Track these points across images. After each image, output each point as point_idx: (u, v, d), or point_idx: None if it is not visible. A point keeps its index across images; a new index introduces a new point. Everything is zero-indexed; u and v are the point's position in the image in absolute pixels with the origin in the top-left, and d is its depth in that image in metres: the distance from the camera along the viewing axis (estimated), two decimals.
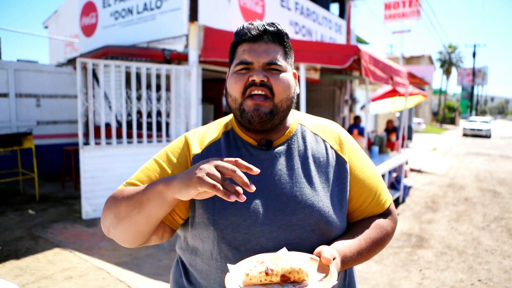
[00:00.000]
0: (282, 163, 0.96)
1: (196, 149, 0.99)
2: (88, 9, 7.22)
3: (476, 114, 50.42)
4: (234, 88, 0.94)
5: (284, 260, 0.79)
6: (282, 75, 0.94)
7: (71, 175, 6.59)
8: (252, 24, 0.95)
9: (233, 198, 0.72)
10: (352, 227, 1.00)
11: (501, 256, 4.06)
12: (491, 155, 13.91)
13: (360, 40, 15.09)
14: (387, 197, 1.06)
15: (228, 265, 0.82)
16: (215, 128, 1.05)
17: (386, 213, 1.06)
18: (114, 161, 4.82)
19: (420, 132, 25.63)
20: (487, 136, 24.19)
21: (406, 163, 8.22)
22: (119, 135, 5.18)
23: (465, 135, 25.31)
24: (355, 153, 1.04)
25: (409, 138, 15.73)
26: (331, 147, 1.01)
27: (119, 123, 5.55)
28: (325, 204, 0.93)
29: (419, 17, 17.16)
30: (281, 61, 0.94)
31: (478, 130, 24.41)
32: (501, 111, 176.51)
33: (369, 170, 1.04)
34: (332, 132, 1.05)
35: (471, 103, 46.27)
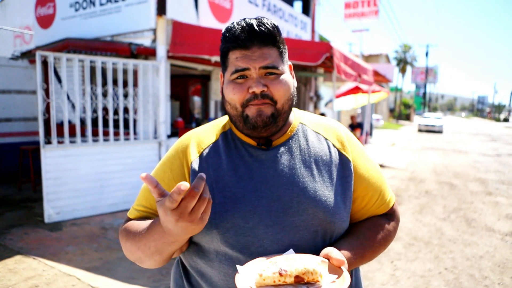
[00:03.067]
0: (283, 163, 0.93)
1: (194, 155, 0.97)
2: None
3: (429, 111, 53.30)
4: (233, 98, 0.90)
5: (297, 260, 0.77)
6: (281, 78, 0.90)
7: (29, 176, 6.17)
8: (240, 25, 0.89)
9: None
10: (356, 228, 0.99)
11: (463, 245, 4.30)
12: (445, 150, 14.75)
13: (322, 38, 15.39)
14: (391, 196, 1.05)
15: (237, 266, 0.80)
16: (212, 130, 1.02)
17: (389, 213, 1.05)
18: (79, 161, 4.57)
19: (379, 128, 26.68)
20: (440, 132, 25.65)
21: None
22: (83, 133, 4.92)
23: (420, 130, 26.67)
24: (358, 152, 1.02)
25: (370, 134, 16.33)
26: (334, 146, 0.99)
27: (82, 121, 5.27)
28: (329, 204, 0.91)
29: (377, 16, 17.82)
30: (277, 64, 0.90)
31: (432, 126, 25.82)
32: (450, 107, 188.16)
33: (373, 169, 1.02)
34: (334, 131, 1.02)
35: (424, 100, 48.83)
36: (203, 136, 1.00)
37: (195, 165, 0.94)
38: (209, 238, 0.89)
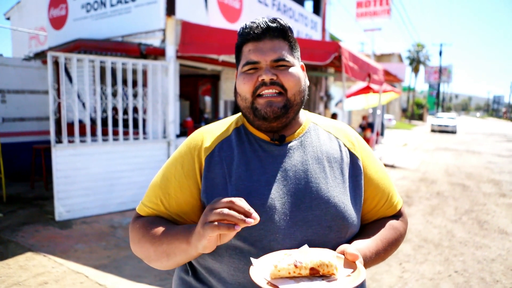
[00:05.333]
0: (296, 158, 0.95)
1: (207, 150, 0.97)
2: (57, 1, 6.89)
3: (442, 111, 52.48)
4: (243, 88, 0.93)
5: (312, 253, 0.78)
6: (291, 69, 0.93)
7: (41, 174, 6.29)
8: (255, 23, 0.94)
9: (238, 228, 0.73)
10: (367, 228, 1.00)
11: (474, 247, 4.22)
12: (458, 150, 14.50)
13: (333, 38, 15.29)
14: (399, 199, 1.08)
15: (252, 259, 0.80)
16: (225, 125, 1.04)
17: (397, 215, 1.07)
18: (89, 160, 4.63)
19: (391, 128, 26.39)
20: (453, 132, 25.22)
21: (380, 159, 8.42)
22: (93, 133, 4.98)
23: (433, 130, 26.26)
24: (367, 154, 1.04)
25: (381, 134, 16.15)
26: (345, 145, 1.01)
27: (93, 120, 5.34)
28: (341, 200, 0.92)
29: (390, 15, 17.60)
30: (287, 56, 0.93)
31: (445, 126, 25.40)
32: (464, 107, 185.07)
33: (381, 172, 1.05)
34: (345, 132, 1.05)
35: (437, 100, 48.11)
36: (216, 132, 1.01)
37: (209, 160, 0.95)
38: None
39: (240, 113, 1.05)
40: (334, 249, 0.86)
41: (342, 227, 0.91)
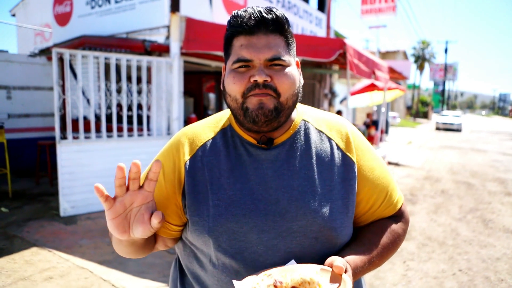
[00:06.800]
0: (283, 164, 0.88)
1: (187, 154, 0.91)
2: None
3: (447, 109, 52.16)
4: (233, 88, 0.84)
5: (293, 271, 0.75)
6: (287, 70, 0.84)
7: (46, 170, 6.32)
8: (247, 12, 0.83)
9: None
10: (362, 233, 0.94)
11: (479, 246, 4.20)
12: (463, 148, 14.42)
13: (337, 35, 15.22)
14: (399, 197, 0.98)
15: (234, 281, 0.76)
16: (210, 126, 0.96)
17: (397, 214, 0.99)
18: (93, 156, 4.65)
19: (395, 125, 26.26)
20: (459, 130, 25.07)
21: (384, 156, 8.39)
22: (98, 129, 5.00)
23: (437, 128, 26.12)
24: (363, 152, 0.95)
25: (386, 131, 16.09)
26: (338, 146, 0.92)
27: (97, 117, 5.36)
28: (329, 209, 0.85)
29: (395, 12, 17.49)
30: (284, 55, 0.84)
31: (450, 124, 25.25)
32: (469, 105, 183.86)
33: (379, 169, 0.95)
34: (339, 129, 0.95)
35: (442, 98, 47.82)
36: (199, 133, 0.94)
37: (190, 164, 0.89)
38: (202, 241, 0.87)
39: (229, 111, 0.97)
40: (323, 261, 0.80)
41: (330, 238, 0.86)
